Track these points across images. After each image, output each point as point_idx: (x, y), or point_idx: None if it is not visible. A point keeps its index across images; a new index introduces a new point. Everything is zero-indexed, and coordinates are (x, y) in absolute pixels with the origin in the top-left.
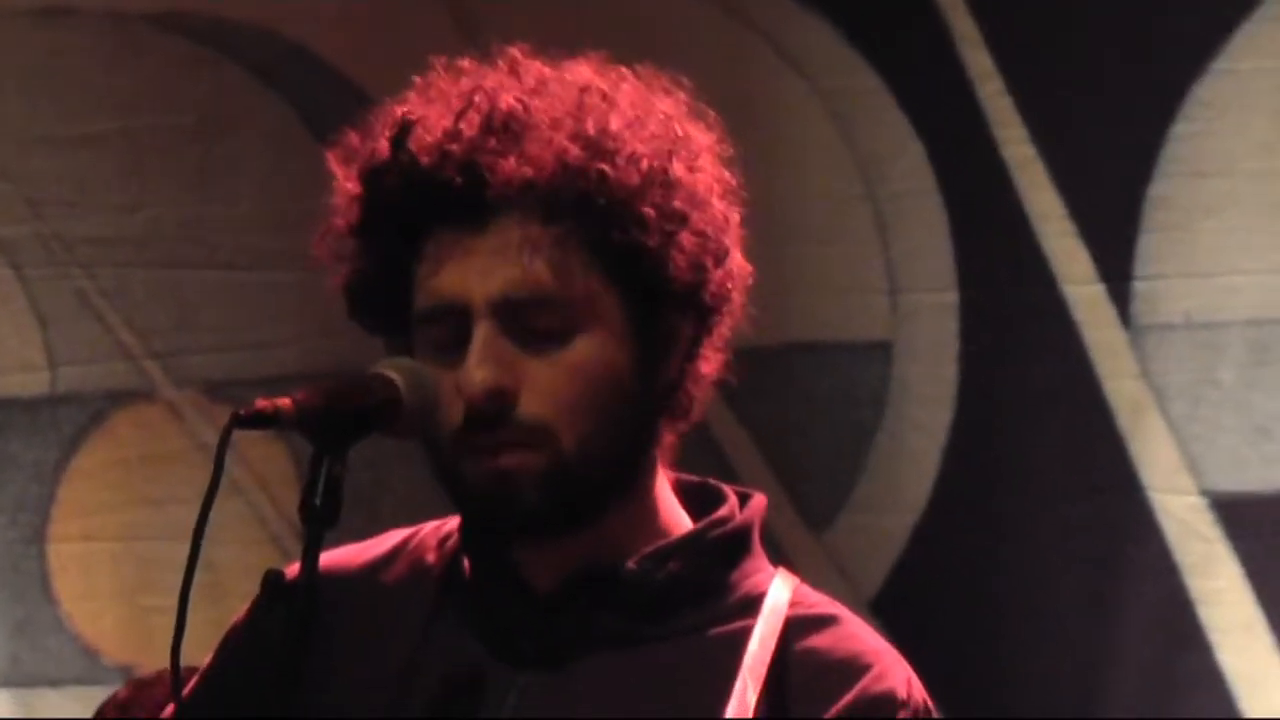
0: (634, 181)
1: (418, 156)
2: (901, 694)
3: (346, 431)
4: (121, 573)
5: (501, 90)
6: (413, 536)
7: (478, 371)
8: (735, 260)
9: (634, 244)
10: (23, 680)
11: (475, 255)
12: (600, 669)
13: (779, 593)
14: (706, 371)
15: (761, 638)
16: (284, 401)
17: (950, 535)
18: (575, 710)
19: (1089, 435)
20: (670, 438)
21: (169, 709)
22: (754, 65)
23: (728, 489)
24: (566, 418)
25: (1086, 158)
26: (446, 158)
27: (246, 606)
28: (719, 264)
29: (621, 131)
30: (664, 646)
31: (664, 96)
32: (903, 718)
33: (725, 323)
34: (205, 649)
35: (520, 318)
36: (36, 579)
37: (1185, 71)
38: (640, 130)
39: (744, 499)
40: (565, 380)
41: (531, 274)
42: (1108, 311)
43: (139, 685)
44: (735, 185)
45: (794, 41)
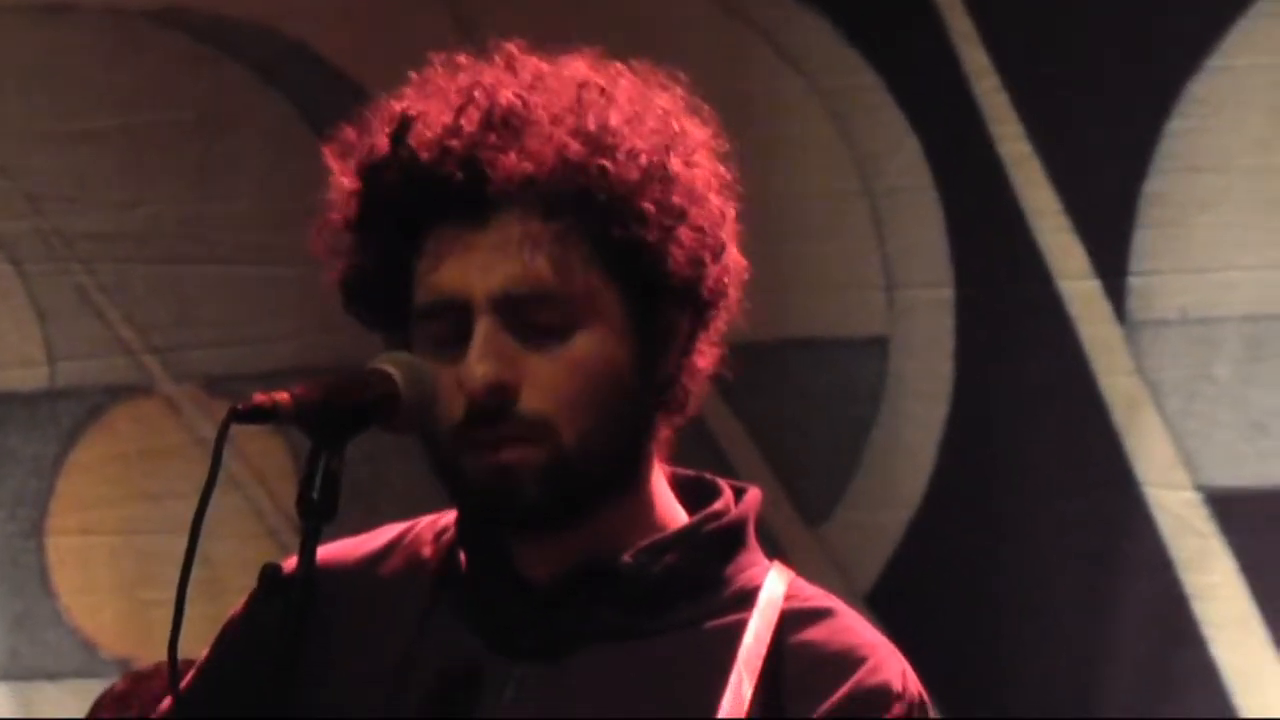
0: (634, 177)
1: (418, 152)
2: (897, 687)
3: (344, 426)
4: (120, 566)
5: (500, 86)
6: (408, 531)
7: (479, 366)
8: (731, 255)
9: (634, 239)
10: (21, 673)
11: (476, 251)
12: (596, 662)
13: (774, 586)
14: (703, 366)
15: (757, 631)
16: (282, 396)
17: (946, 530)
18: (572, 703)
19: (1084, 431)
20: (667, 432)
21: (166, 702)
22: (752, 62)
23: (723, 483)
24: (567, 413)
25: (1082, 154)
26: (447, 153)
27: (243, 600)
28: (716, 259)
29: (621, 127)
30: (660, 640)
31: (661, 92)
32: (898, 711)
33: (721, 317)
34: (203, 642)
35: (521, 313)
36: (35, 573)
37: (1181, 68)
38: (639, 126)
39: (739, 493)
40: (565, 375)
41: (532, 270)
42: (1103, 307)
43: (136, 678)
44: (731, 180)
45: (792, 39)
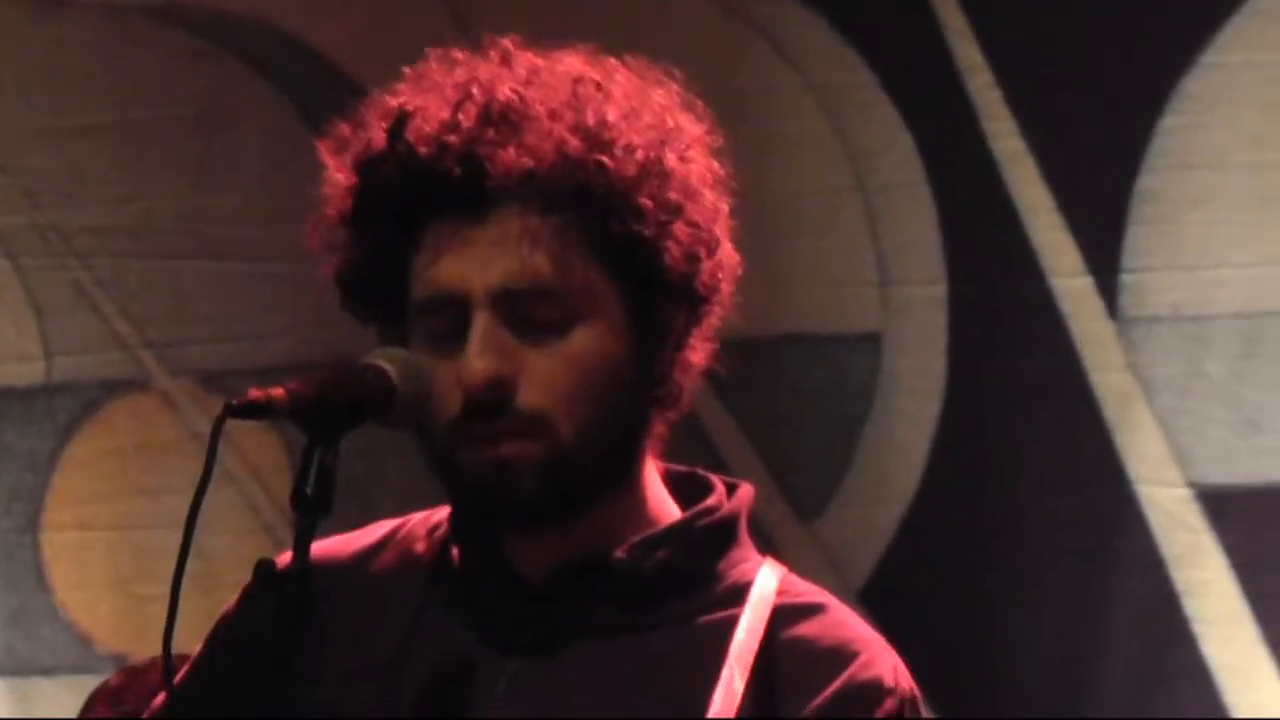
0: (631, 173)
1: (416, 147)
2: (889, 681)
3: (339, 421)
4: (116, 561)
5: (497, 81)
6: (401, 526)
7: (478, 361)
8: (725, 250)
9: (631, 234)
10: (17, 668)
11: (474, 246)
12: (589, 657)
13: (766, 581)
14: (696, 361)
15: (749, 626)
16: (277, 391)
17: (938, 526)
18: (565, 698)
19: (1076, 427)
20: (660, 428)
21: (160, 697)
22: (748, 59)
23: (715, 479)
24: (565, 407)
25: (1075, 151)
26: (445, 149)
27: (237, 596)
28: (711, 254)
29: (618, 122)
30: (652, 635)
31: (656, 88)
32: (890, 706)
33: (715, 313)
34: (198, 637)
35: (519, 308)
36: (31, 568)
37: (1174, 65)
38: (635, 121)
39: (731, 489)
40: (564, 370)
41: (531, 265)
42: (1095, 304)
43: (131, 672)
44: (725, 176)
45: (788, 36)
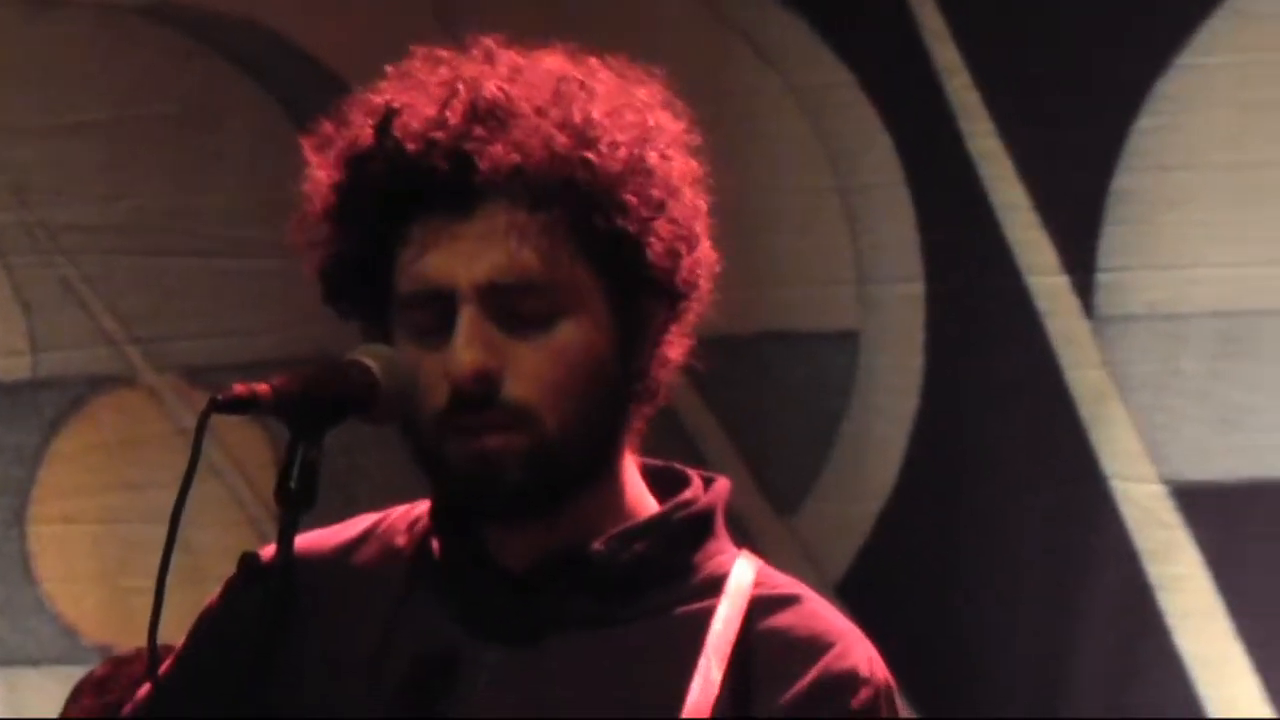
0: (616, 169)
1: (403, 143)
2: (864, 672)
3: (323, 417)
4: (101, 554)
5: (483, 79)
6: (382, 520)
7: (465, 353)
8: (704, 248)
9: (616, 230)
10: (4, 659)
11: (462, 240)
12: (570, 649)
13: (743, 573)
14: (674, 357)
15: (726, 617)
16: (262, 387)
17: (915, 522)
18: (545, 690)
19: (1053, 424)
20: (639, 422)
21: (145, 688)
22: (729, 60)
23: (692, 472)
24: (550, 400)
25: (1052, 151)
26: (433, 145)
27: (220, 589)
28: (691, 251)
29: (602, 120)
30: (631, 626)
31: (637, 86)
32: (865, 695)
33: (693, 309)
34: (183, 629)
35: (505, 302)
36: (17, 560)
37: (1150, 66)
38: (619, 119)
39: (708, 482)
40: (549, 364)
41: (518, 259)
42: (1072, 302)
43: (116, 663)
44: (703, 174)
45: (769, 37)
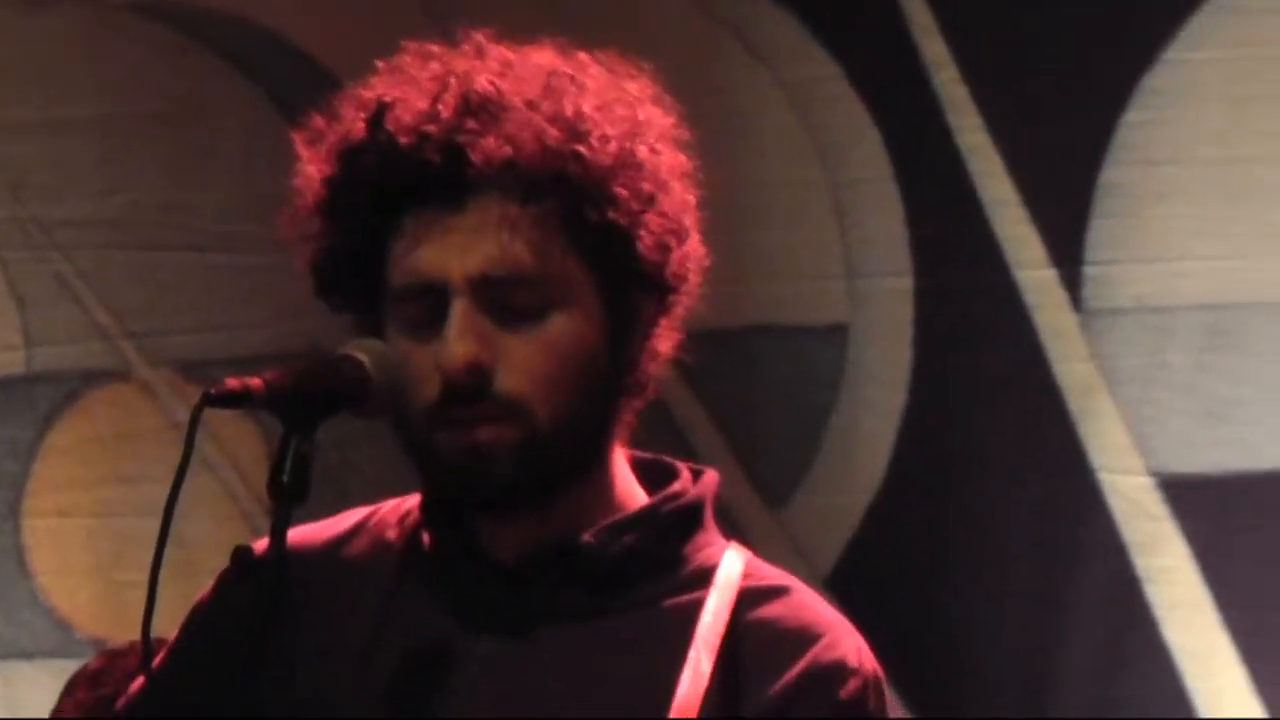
0: (607, 162)
1: (396, 136)
2: (852, 662)
3: (315, 411)
4: (95, 548)
5: (474, 73)
6: (373, 514)
7: (458, 346)
8: (693, 242)
9: (607, 223)
10: None
11: (454, 233)
12: (560, 640)
13: (732, 565)
14: (663, 350)
15: (715, 609)
16: (254, 381)
17: (904, 514)
18: (536, 681)
19: (1041, 417)
20: (629, 415)
21: (138, 680)
22: (719, 55)
23: (681, 465)
24: (542, 393)
25: (1040, 145)
26: (426, 138)
27: (212, 582)
28: (680, 244)
29: (593, 114)
30: (621, 618)
31: (626, 81)
32: (853, 686)
33: (682, 303)
34: (177, 622)
35: (498, 295)
36: (12, 554)
37: (1137, 61)
38: (609, 113)
39: (697, 475)
40: (541, 356)
41: (510, 252)
42: (1060, 296)
43: (110, 656)
44: (692, 168)
45: (758, 32)
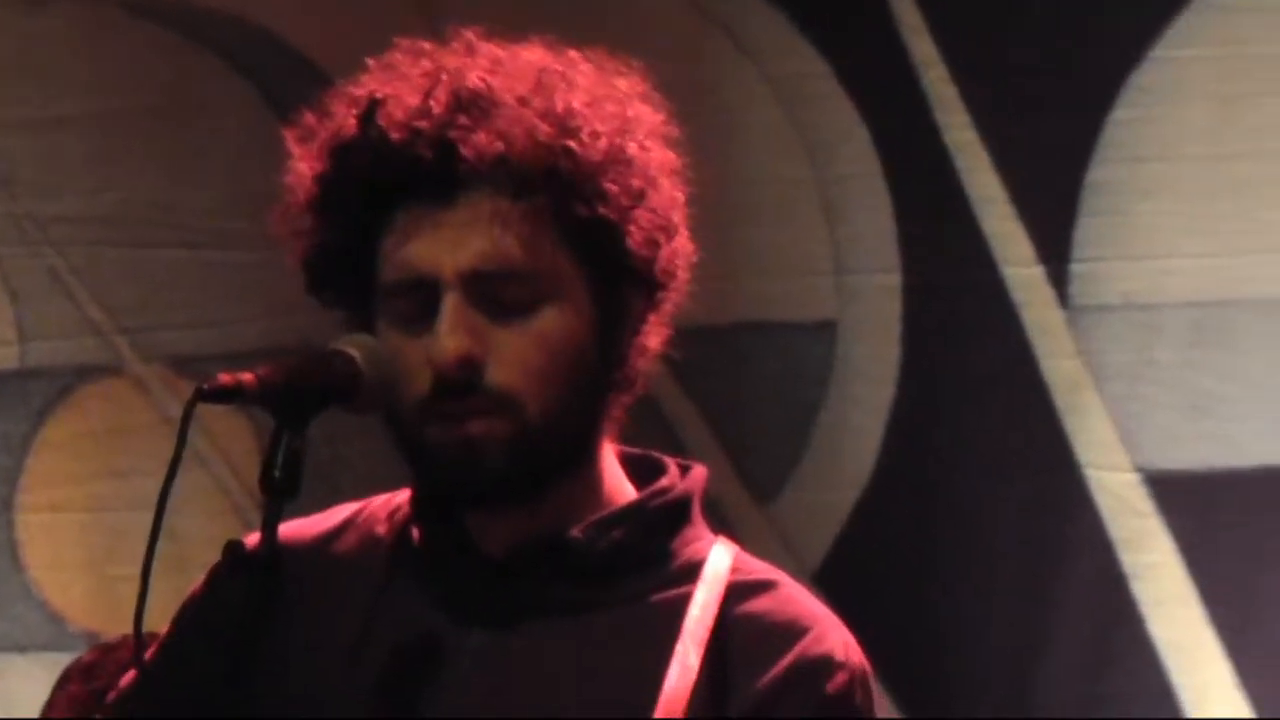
0: (597, 158)
1: (388, 132)
2: (839, 656)
3: (307, 406)
4: (88, 542)
5: (465, 69)
6: (362, 510)
7: (449, 340)
8: (682, 238)
9: (598, 218)
10: None
11: (445, 228)
12: (549, 634)
13: (719, 559)
14: (652, 346)
15: (703, 603)
16: (246, 376)
17: (892, 510)
18: (525, 675)
19: (1028, 413)
20: (618, 411)
21: (130, 674)
22: (708, 53)
23: (669, 460)
24: (533, 387)
25: (1028, 143)
26: (418, 134)
27: (204, 576)
28: (669, 241)
29: (583, 110)
30: (609, 612)
31: (616, 78)
32: (841, 680)
33: (671, 299)
34: (169, 616)
35: (489, 290)
36: (5, 548)
37: (1124, 59)
38: (599, 109)
39: (685, 470)
40: (532, 350)
41: (501, 247)
42: (1047, 293)
43: (103, 649)
44: (681, 165)
45: (747, 30)
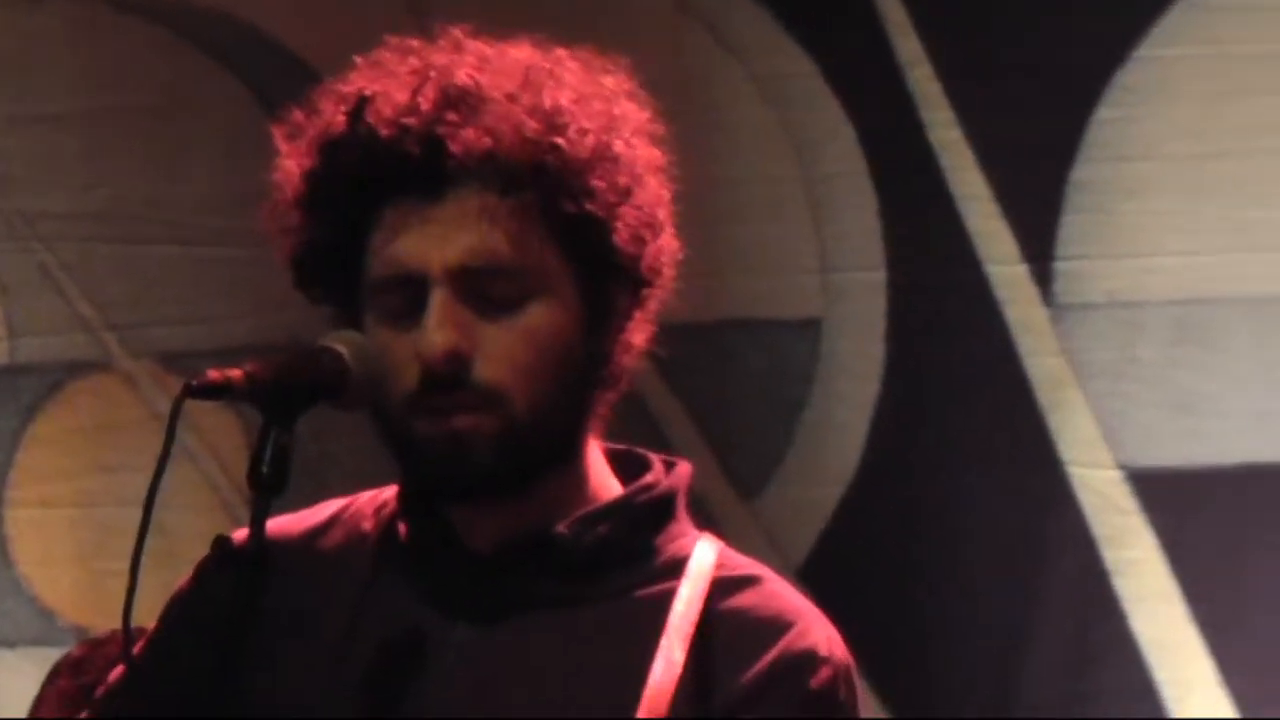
0: (585, 155)
1: (377, 129)
2: (823, 651)
3: (295, 402)
4: (77, 537)
5: (453, 66)
6: (348, 506)
7: (437, 335)
8: (667, 235)
9: (585, 214)
10: None
11: (433, 224)
12: (535, 629)
13: (704, 555)
14: (637, 343)
15: (687, 598)
16: (235, 372)
17: (876, 506)
18: (510, 670)
19: (1011, 411)
20: (603, 407)
21: (118, 669)
22: (694, 52)
23: (654, 457)
24: (520, 382)
25: (1012, 142)
26: (406, 130)
27: (191, 571)
28: (655, 238)
29: (570, 107)
30: (594, 608)
31: (603, 75)
32: (824, 674)
33: (656, 296)
34: (157, 611)
35: (477, 285)
36: None
37: (1109, 58)
38: (586, 107)
39: (670, 466)
40: (520, 346)
41: (489, 243)
42: (1031, 290)
43: (93, 644)
44: (667, 163)
45: (732, 28)
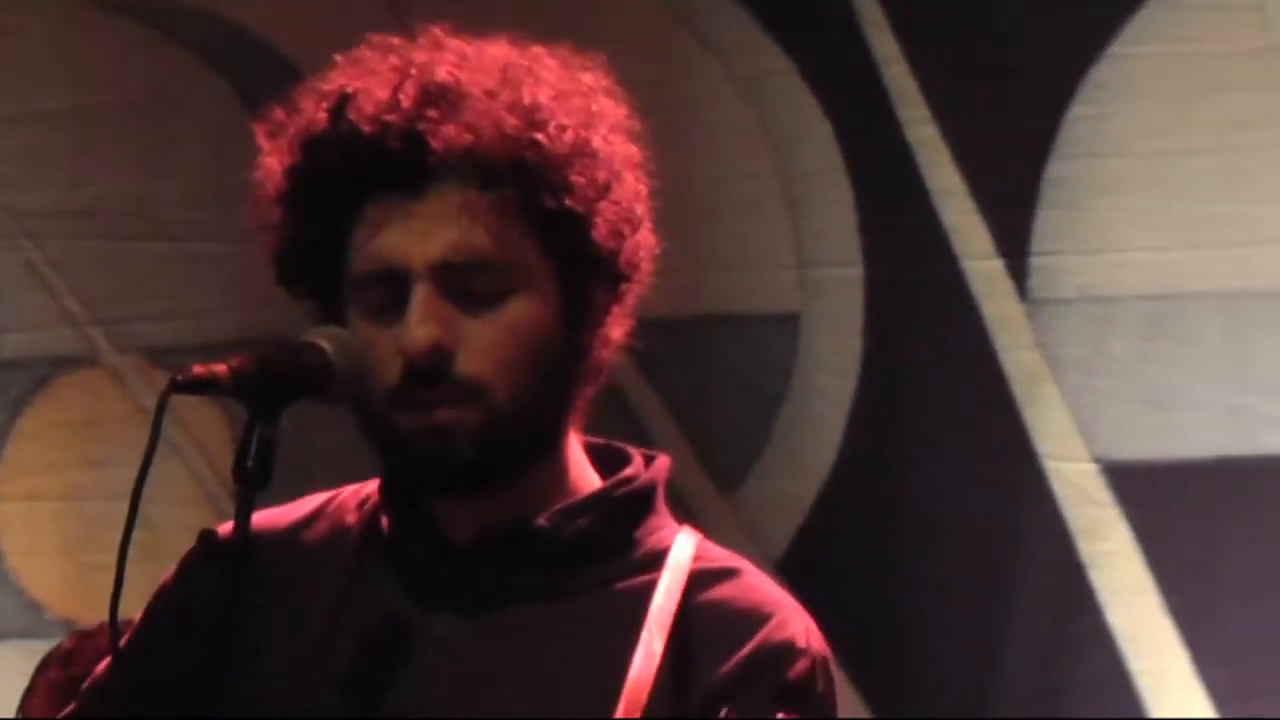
0: (564, 151)
1: (358, 126)
2: (801, 642)
3: (279, 397)
4: (65, 530)
5: (434, 64)
6: (332, 499)
7: (419, 329)
8: (645, 231)
9: (564, 210)
10: None
11: (415, 220)
12: (515, 621)
13: (683, 547)
14: (615, 337)
15: (667, 590)
16: (220, 368)
17: (854, 500)
18: (491, 662)
19: (987, 405)
20: (583, 401)
21: (104, 661)
22: (671, 48)
23: (633, 450)
24: (501, 376)
25: (987, 138)
26: (388, 127)
27: (176, 565)
28: (634, 233)
29: (549, 103)
30: (574, 600)
31: (581, 72)
32: (802, 666)
33: (634, 290)
34: (144, 603)
35: (458, 280)
36: None
37: (1083, 56)
38: (565, 103)
39: (649, 460)
40: (501, 340)
41: (470, 238)
42: (1006, 285)
43: (81, 636)
44: (644, 159)
45: (710, 26)
